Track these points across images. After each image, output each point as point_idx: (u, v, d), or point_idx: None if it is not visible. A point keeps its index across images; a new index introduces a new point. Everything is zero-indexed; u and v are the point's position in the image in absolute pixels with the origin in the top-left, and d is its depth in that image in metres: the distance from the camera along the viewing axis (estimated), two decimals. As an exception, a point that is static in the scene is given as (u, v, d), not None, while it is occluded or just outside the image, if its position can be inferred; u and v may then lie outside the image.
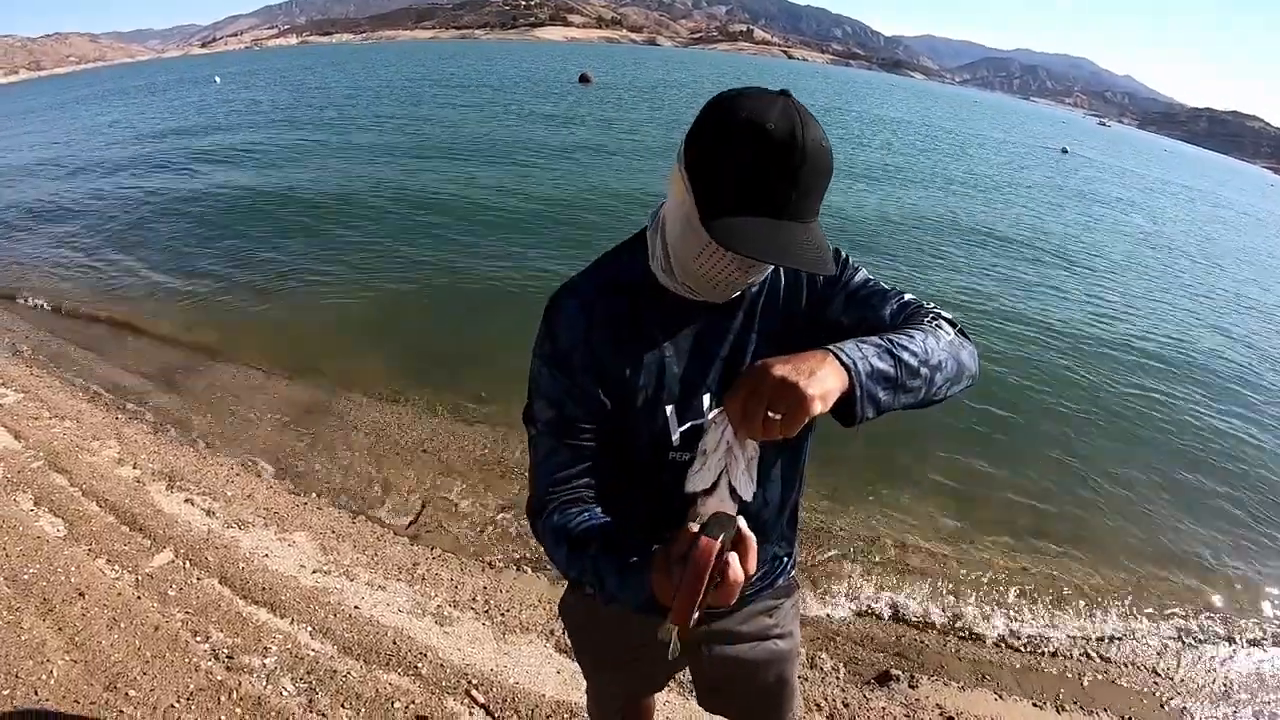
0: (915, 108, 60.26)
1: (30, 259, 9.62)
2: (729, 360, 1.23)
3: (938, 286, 9.42)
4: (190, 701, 2.76)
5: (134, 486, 4.24)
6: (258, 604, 3.29)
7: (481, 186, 13.26)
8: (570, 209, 11.91)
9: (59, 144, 21.10)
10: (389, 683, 2.90)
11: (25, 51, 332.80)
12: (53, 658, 2.93)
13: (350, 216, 11.13)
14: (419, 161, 15.51)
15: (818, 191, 0.98)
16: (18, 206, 12.69)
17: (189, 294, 8.00)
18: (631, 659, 1.56)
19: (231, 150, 17.25)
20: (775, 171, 0.94)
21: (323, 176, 13.97)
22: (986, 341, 7.49)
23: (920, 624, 3.68)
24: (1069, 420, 6.14)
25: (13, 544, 3.62)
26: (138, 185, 13.76)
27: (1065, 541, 4.52)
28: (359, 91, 34.96)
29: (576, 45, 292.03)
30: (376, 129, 20.90)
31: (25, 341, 6.51)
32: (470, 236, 10.18)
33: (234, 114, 26.20)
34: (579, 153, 17.65)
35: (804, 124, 0.95)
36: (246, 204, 11.88)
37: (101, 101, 38.16)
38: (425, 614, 3.28)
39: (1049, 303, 9.49)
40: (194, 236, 10.28)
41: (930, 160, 24.12)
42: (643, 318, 1.21)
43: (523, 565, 3.71)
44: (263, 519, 3.97)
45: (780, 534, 1.43)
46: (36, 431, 4.80)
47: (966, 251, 11.63)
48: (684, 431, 1.21)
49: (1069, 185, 24.41)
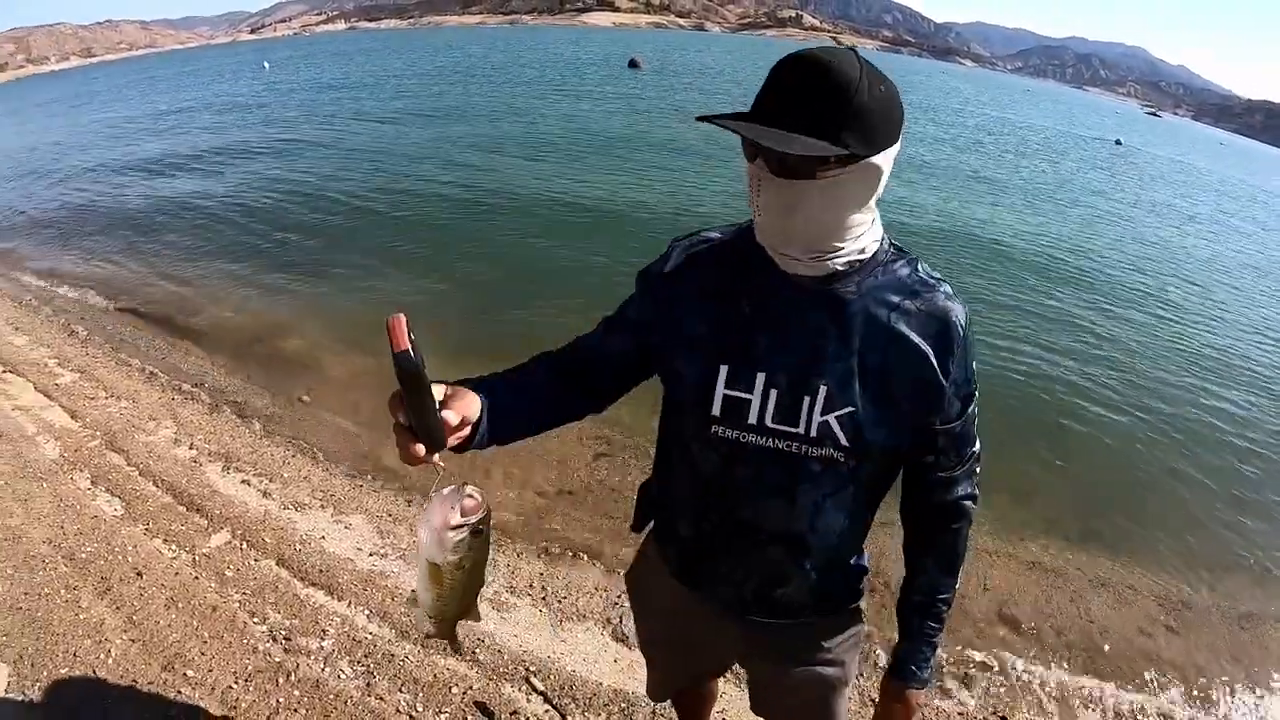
0: (967, 95, 59.19)
1: (87, 240, 9.80)
2: (800, 355, 1.19)
3: (990, 278, 9.21)
4: (249, 683, 2.74)
5: (190, 467, 4.26)
6: (315, 586, 3.27)
7: (540, 173, 13.23)
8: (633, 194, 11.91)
9: (116, 129, 21.49)
10: (447, 668, 2.86)
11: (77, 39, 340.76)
12: (111, 637, 2.93)
13: (406, 201, 11.18)
14: (474, 150, 15.49)
15: (809, 105, 1.00)
16: (75, 188, 12.95)
17: (245, 276, 8.08)
18: (677, 640, 1.66)
19: (283, 136, 17.43)
20: (767, 83, 1.04)
21: (375, 162, 14.05)
22: (1039, 335, 7.34)
23: (970, 628, 3.54)
24: (1125, 421, 5.92)
25: (70, 523, 3.65)
26: (195, 170, 13.98)
27: (1115, 544, 4.35)
28: (409, 77, 35.21)
29: (624, 31, 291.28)
30: (428, 115, 20.95)
31: (81, 322, 6.60)
32: (529, 224, 10.13)
33: (285, 100, 26.48)
34: (634, 138, 17.64)
35: (830, 56, 1.01)
36: (301, 189, 11.96)
37: (153, 87, 38.83)
38: (482, 599, 3.21)
39: (1105, 296, 9.25)
40: (251, 220, 10.39)
41: (983, 150, 23.65)
42: (737, 278, 1.24)
43: (579, 552, 3.64)
44: (319, 501, 3.95)
45: (833, 561, 1.37)
46: (93, 411, 4.84)
47: (1025, 242, 11.37)
48: (727, 396, 1.21)
49: (1124, 176, 23.81)
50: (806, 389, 1.17)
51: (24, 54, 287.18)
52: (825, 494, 1.24)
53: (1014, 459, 4.96)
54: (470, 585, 1.11)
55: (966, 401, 1.24)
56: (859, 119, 1.00)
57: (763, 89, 1.04)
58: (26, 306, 7.03)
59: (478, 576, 1.11)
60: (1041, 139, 32.31)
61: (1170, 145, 52.85)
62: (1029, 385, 6.15)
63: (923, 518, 1.39)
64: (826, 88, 1.00)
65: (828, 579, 1.38)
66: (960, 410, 1.24)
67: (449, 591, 1.09)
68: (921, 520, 1.40)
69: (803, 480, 1.23)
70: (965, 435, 1.28)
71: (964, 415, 1.25)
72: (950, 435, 1.26)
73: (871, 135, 1.03)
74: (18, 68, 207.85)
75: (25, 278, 8.27)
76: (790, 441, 1.20)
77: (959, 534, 1.37)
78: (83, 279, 8.09)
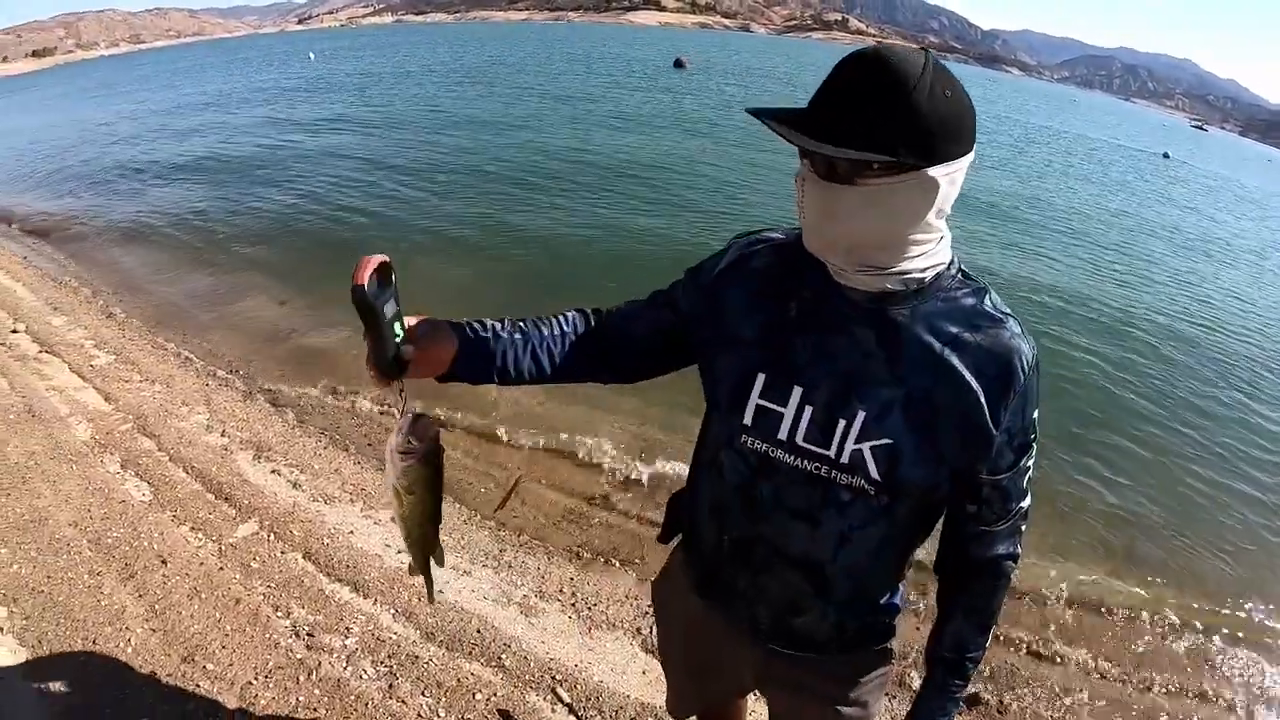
0: (1012, 103, 58.46)
1: (131, 222, 9.89)
2: (841, 372, 1.10)
3: (1046, 283, 8.98)
4: (268, 679, 2.67)
5: (221, 454, 4.21)
6: (341, 582, 3.20)
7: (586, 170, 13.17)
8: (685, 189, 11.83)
9: (164, 114, 21.80)
10: (471, 672, 2.77)
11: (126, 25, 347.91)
12: (132, 625, 2.88)
13: (453, 193, 11.19)
14: (519, 143, 15.48)
15: (857, 104, 0.94)
16: (121, 172, 13.10)
17: (287, 265, 8.10)
18: (694, 659, 1.58)
19: (327, 126, 17.56)
20: (825, 79, 0.97)
21: (420, 154, 14.08)
22: (1083, 346, 7.13)
23: (1010, 645, 3.42)
24: (1170, 438, 5.71)
25: (98, 506, 3.61)
26: (241, 158, 14.10)
27: (1160, 567, 4.18)
28: (456, 70, 35.48)
29: (669, 30, 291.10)
30: (475, 108, 21.08)
31: (120, 304, 6.62)
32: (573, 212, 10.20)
33: (330, 90, 26.73)
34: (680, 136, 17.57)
35: (892, 53, 0.94)
36: (348, 180, 12.01)
37: (202, 74, 39.44)
38: (511, 603, 3.14)
39: (1151, 310, 8.98)
40: (294, 206, 10.48)
41: (1028, 159, 23.29)
42: (789, 280, 1.16)
43: (611, 558, 3.53)
44: (349, 494, 3.88)
45: (858, 598, 1.28)
46: (127, 394, 4.82)
47: (1074, 250, 11.14)
48: (760, 406, 1.15)
49: (1172, 190, 23.34)
50: (843, 410, 1.09)
51: (74, 39, 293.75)
52: (852, 526, 1.15)
53: (1056, 475, 4.80)
54: (424, 514, 1.20)
55: (1020, 453, 1.12)
56: (912, 123, 0.92)
57: (820, 85, 0.98)
58: (66, 287, 7.07)
59: (432, 506, 1.20)
60: (1087, 149, 31.82)
61: (1218, 160, 51.85)
62: (1072, 399, 5.94)
63: (958, 570, 1.28)
64: (879, 86, 0.92)
65: (852, 615, 1.29)
66: (1012, 462, 1.12)
67: (407, 515, 1.20)
68: (956, 573, 1.29)
69: (829, 507, 1.14)
70: (1013, 489, 1.15)
71: (1015, 468, 1.13)
72: (997, 488, 1.14)
73: (927, 143, 0.93)
74: (67, 52, 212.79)
75: (65, 258, 8.34)
76: (820, 464, 1.12)
77: (995, 593, 1.25)
78: (124, 261, 8.16)
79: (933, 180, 0.95)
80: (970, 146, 0.99)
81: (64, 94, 37.34)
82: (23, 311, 6.27)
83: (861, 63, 0.95)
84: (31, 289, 6.93)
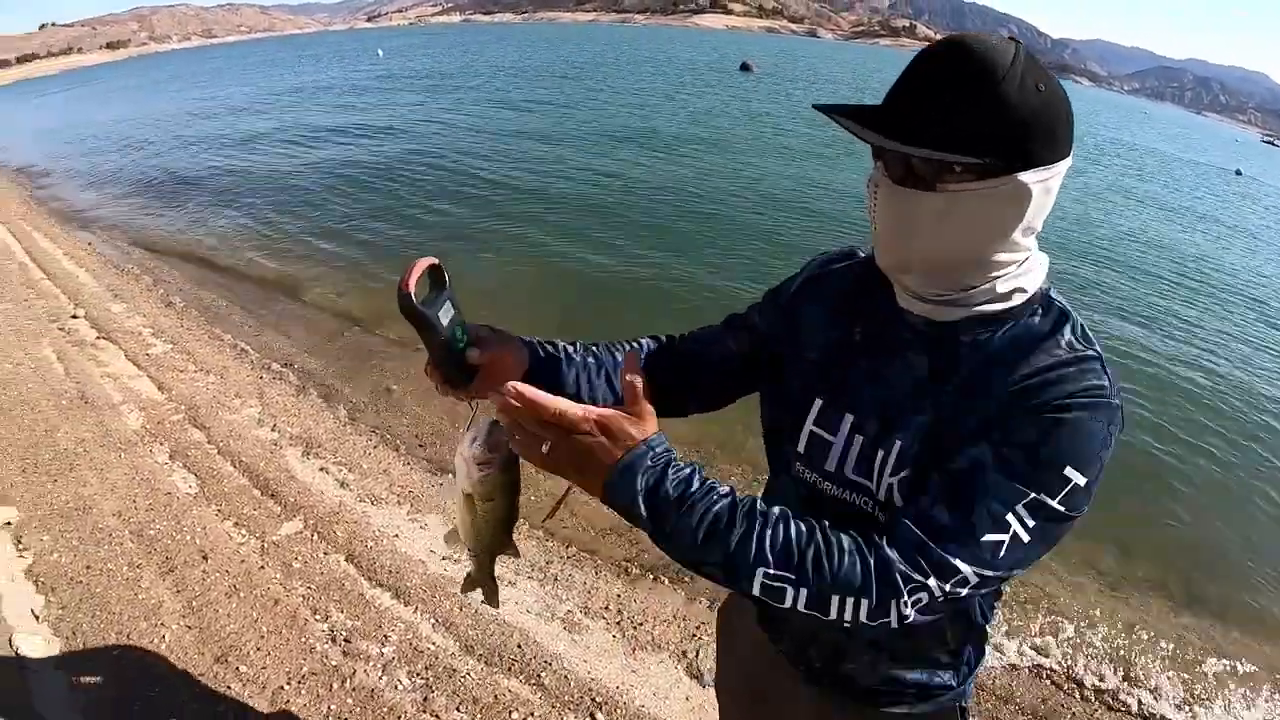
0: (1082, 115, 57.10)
1: (196, 213, 10.10)
2: (890, 402, 0.99)
3: (1095, 305, 8.65)
4: (300, 685, 2.59)
5: (270, 449, 4.18)
6: (382, 587, 3.11)
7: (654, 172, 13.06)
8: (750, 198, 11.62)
9: (235, 106, 22.32)
10: (509, 689, 2.66)
11: (198, 20, 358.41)
12: (168, 621, 2.83)
13: (522, 196, 11.10)
14: (590, 144, 15.48)
15: (938, 95, 0.82)
16: (191, 162, 13.37)
17: (349, 260, 8.12)
18: (747, 692, 1.44)
19: (396, 122, 17.74)
20: (904, 69, 0.87)
21: (492, 153, 14.09)
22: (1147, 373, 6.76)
23: (1067, 685, 3.18)
24: (1237, 474, 5.30)
25: (143, 497, 3.59)
26: (308, 152, 14.31)
27: (1233, 611, 3.88)
28: (524, 70, 35.78)
29: (736, 34, 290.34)
30: (545, 107, 21.19)
31: (179, 294, 6.67)
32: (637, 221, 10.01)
33: (399, 86, 27.07)
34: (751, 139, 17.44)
35: (979, 41, 0.83)
36: (412, 178, 12.03)
37: (271, 68, 40.38)
38: (554, 618, 3.02)
39: (1221, 333, 8.49)
40: (361, 205, 10.51)
41: (1099, 170, 22.69)
42: (859, 301, 1.07)
43: (660, 575, 3.35)
44: (396, 496, 3.80)
45: (911, 650, 1.13)
46: (180, 384, 4.83)
47: (1137, 269, 10.73)
48: (813, 434, 1.06)
49: (1244, 208, 22.52)
50: (885, 441, 0.97)
51: (147, 32, 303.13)
52: None
53: (1116, 508, 4.51)
54: (499, 520, 1.12)
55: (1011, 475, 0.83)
56: (1001, 118, 0.80)
57: (898, 77, 0.87)
58: (128, 274, 7.16)
59: (507, 511, 1.11)
60: (1158, 163, 30.91)
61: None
62: (1134, 429, 5.64)
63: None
64: (962, 75, 0.81)
65: (907, 667, 1.14)
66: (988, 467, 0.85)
67: (481, 522, 1.11)
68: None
69: None
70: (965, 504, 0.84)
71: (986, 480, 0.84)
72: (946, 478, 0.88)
73: (1019, 142, 0.82)
74: (140, 44, 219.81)
75: (129, 245, 8.47)
76: (866, 498, 1.01)
77: (842, 556, 0.83)
78: (186, 250, 8.28)
79: (1024, 187, 0.83)
80: (1067, 151, 0.87)
81: (138, 86, 38.49)
82: (84, 297, 6.35)
83: (942, 51, 0.84)
84: (94, 275, 7.04)
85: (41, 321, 5.78)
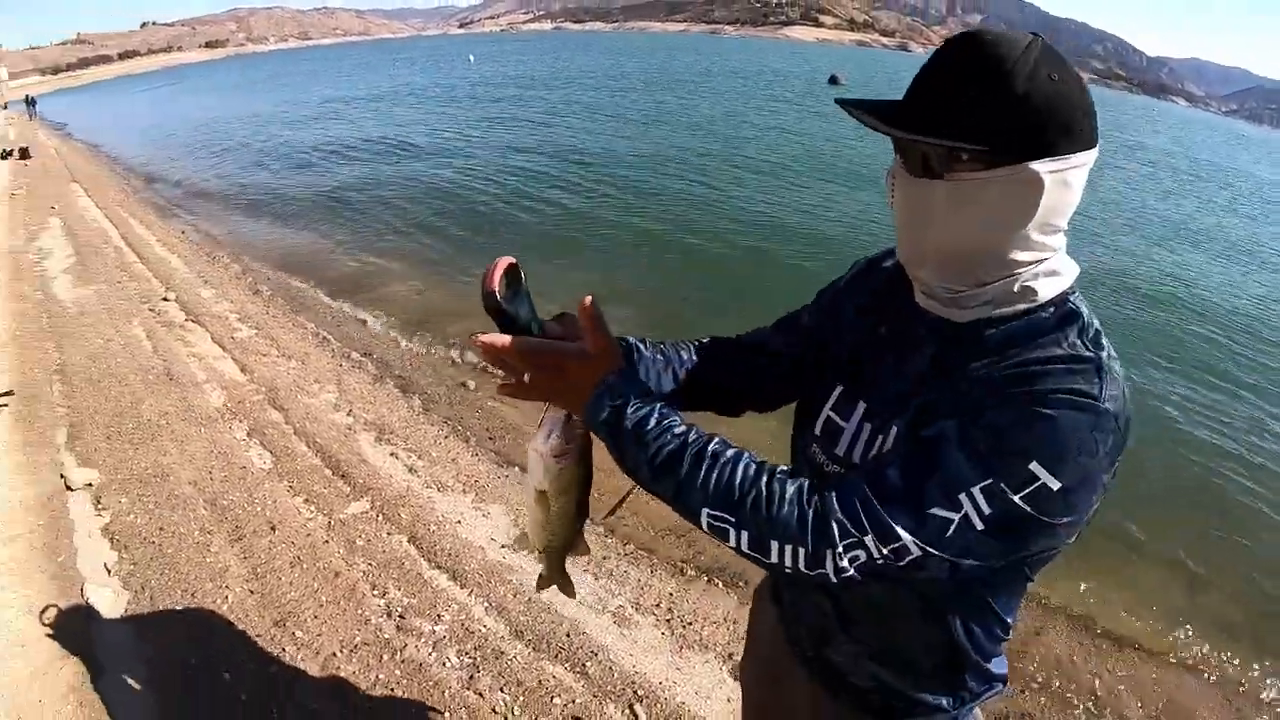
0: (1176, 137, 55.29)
1: (287, 205, 10.48)
2: (896, 392, 1.00)
3: (1166, 333, 8.24)
4: (352, 654, 2.65)
5: (344, 433, 4.29)
6: (440, 569, 3.17)
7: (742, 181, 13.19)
8: None
9: (330, 106, 23.10)
10: (553, 675, 2.67)
11: (295, 22, 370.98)
12: (232, 584, 2.92)
13: (609, 201, 11.29)
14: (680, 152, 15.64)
15: (947, 84, 0.84)
16: (284, 157, 13.86)
17: (433, 257, 8.36)
18: (760, 677, 1.47)
19: (487, 125, 18.19)
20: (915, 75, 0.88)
21: (580, 159, 14.36)
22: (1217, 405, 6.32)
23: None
24: None
25: (219, 469, 3.72)
26: (399, 151, 14.78)
27: None
28: (614, 77, 36.30)
29: (826, 46, 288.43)
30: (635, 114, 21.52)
31: (266, 282, 6.93)
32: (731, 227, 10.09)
33: (490, 91, 27.63)
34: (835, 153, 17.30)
35: (991, 32, 0.82)
36: (500, 180, 12.34)
37: (366, 71, 41.75)
38: (605, 611, 3.02)
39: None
40: (449, 205, 10.82)
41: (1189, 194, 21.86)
42: (888, 297, 1.10)
43: (714, 578, 3.33)
44: (462, 485, 3.87)
45: (894, 651, 1.12)
46: (262, 367, 4.99)
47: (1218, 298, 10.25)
48: (829, 418, 1.09)
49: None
50: (886, 429, 0.99)
51: (244, 33, 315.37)
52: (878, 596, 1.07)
53: (1179, 544, 4.29)
54: (574, 513, 1.15)
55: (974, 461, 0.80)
56: (1008, 105, 0.80)
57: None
58: (218, 262, 7.46)
59: (581, 504, 1.14)
60: (1252, 186, 29.60)
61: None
62: (1205, 464, 5.34)
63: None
64: (971, 65, 0.82)
65: (893, 673, 1.13)
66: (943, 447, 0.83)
67: (555, 518, 1.14)
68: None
69: None
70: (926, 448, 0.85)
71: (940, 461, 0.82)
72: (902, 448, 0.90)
73: (1028, 132, 0.80)
74: (238, 45, 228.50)
75: (223, 235, 8.82)
76: None
77: (783, 503, 0.85)
78: (276, 241, 8.62)
79: (1035, 176, 0.81)
80: (1088, 144, 0.84)
81: (235, 85, 40.18)
82: (175, 282, 6.63)
83: (955, 44, 0.86)
84: (186, 262, 7.35)
85: (133, 302, 6.07)
